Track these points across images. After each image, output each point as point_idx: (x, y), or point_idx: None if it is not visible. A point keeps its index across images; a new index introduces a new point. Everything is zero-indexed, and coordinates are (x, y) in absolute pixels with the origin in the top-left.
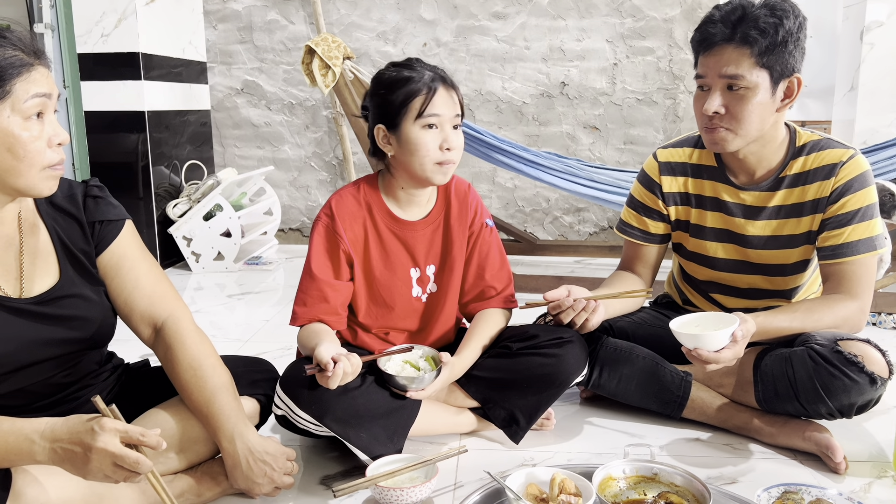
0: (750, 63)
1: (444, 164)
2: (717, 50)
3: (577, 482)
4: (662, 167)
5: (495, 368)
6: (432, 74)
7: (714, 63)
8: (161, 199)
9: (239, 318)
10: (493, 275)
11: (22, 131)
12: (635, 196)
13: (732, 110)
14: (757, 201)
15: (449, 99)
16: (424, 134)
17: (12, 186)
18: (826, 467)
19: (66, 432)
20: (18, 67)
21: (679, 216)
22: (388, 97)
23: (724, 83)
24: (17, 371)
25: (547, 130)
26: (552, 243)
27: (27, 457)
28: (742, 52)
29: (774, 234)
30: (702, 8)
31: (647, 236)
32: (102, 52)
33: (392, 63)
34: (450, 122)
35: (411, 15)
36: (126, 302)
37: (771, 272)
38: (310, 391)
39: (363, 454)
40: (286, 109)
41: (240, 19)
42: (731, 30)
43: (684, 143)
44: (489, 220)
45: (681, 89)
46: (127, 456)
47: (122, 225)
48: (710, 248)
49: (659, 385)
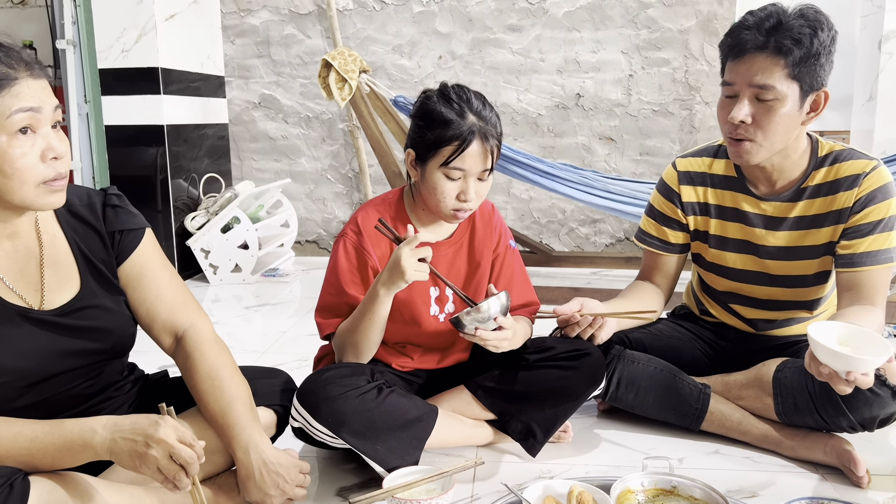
0: (782, 74)
1: (459, 211)
2: (749, 57)
3: (594, 495)
4: (682, 177)
5: (512, 381)
6: (473, 124)
7: (744, 70)
8: (179, 211)
9: (256, 329)
10: (518, 294)
11: (8, 148)
12: (654, 205)
13: (759, 121)
14: (778, 212)
15: (481, 154)
16: (445, 182)
17: (9, 202)
18: (848, 481)
19: (129, 424)
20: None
21: (698, 226)
22: (424, 130)
23: (753, 92)
24: (41, 382)
25: (562, 142)
26: (568, 255)
27: (86, 448)
28: (775, 61)
29: (795, 244)
30: (717, 19)
31: (667, 246)
32: (123, 67)
33: (444, 91)
34: (474, 176)
35: (427, 28)
36: (148, 311)
37: (790, 283)
38: (327, 404)
39: (379, 467)
40: (303, 123)
41: (257, 34)
42: (765, 37)
43: (703, 152)
44: (512, 241)
45: (697, 100)
46: (182, 449)
47: (142, 234)
48: (730, 259)
49: (677, 397)
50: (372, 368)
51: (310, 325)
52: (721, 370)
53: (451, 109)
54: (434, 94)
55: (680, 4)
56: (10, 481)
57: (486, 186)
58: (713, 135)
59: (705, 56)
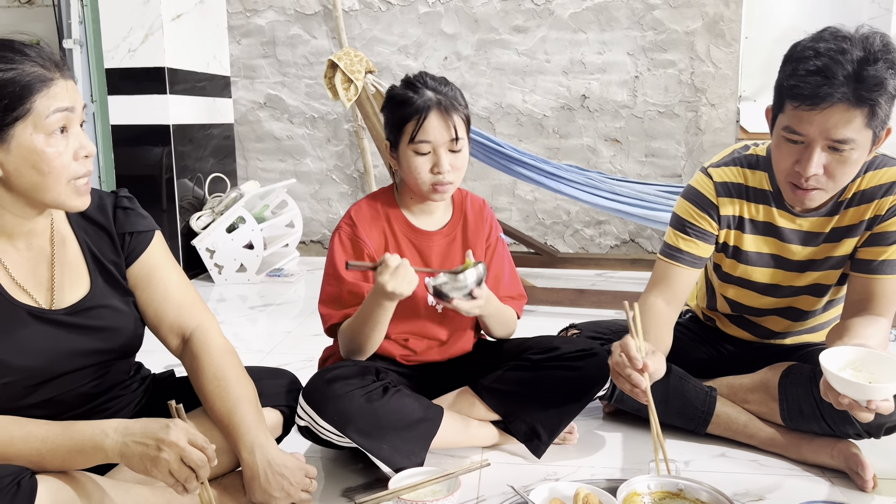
0: (861, 123)
1: (438, 185)
2: (827, 110)
3: (600, 497)
4: (720, 188)
5: (516, 381)
6: (429, 98)
7: (820, 122)
8: (185, 211)
9: (261, 329)
10: (507, 285)
11: (46, 147)
12: (685, 218)
13: (832, 171)
14: (815, 227)
15: (442, 124)
16: (416, 158)
17: (40, 201)
18: (855, 485)
19: (140, 428)
20: (38, 83)
21: (727, 239)
22: (391, 116)
23: (827, 143)
24: (49, 381)
25: (567, 143)
26: (573, 256)
27: (97, 451)
28: (854, 113)
29: (827, 255)
30: (724, 21)
31: (697, 261)
32: (129, 66)
33: (405, 78)
34: (444, 146)
35: (432, 29)
36: (156, 313)
37: (814, 292)
38: (333, 402)
39: (385, 466)
40: (308, 123)
41: (263, 34)
42: (846, 87)
43: (734, 163)
44: (501, 233)
45: (703, 102)
46: (193, 453)
47: (151, 236)
48: (758, 274)
49: (683, 401)
50: (377, 367)
51: (315, 325)
52: (727, 373)
53: (408, 90)
54: (396, 84)
55: (686, 6)
56: (18, 480)
57: (461, 159)
58: (718, 137)
59: (711, 58)
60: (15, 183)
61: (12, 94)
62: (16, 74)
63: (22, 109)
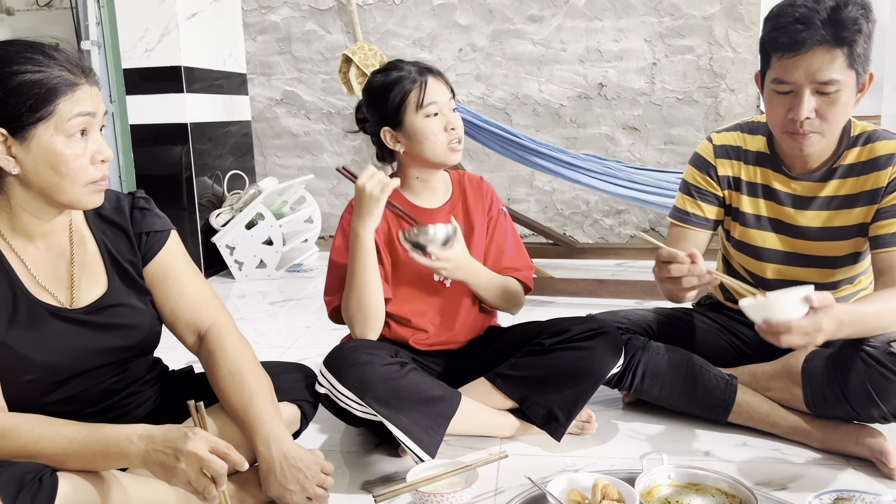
0: (842, 65)
1: (453, 142)
2: (808, 54)
3: (620, 488)
4: (718, 150)
5: (530, 366)
6: (419, 68)
7: (804, 67)
8: (204, 209)
9: (281, 324)
10: (511, 257)
11: (65, 149)
12: (689, 181)
13: (823, 114)
14: (807, 191)
15: (441, 85)
16: (428, 122)
17: (57, 201)
18: (880, 473)
19: (161, 436)
20: (64, 87)
21: (730, 201)
22: (385, 101)
23: (814, 87)
24: (71, 378)
25: (585, 132)
26: (592, 246)
27: (121, 457)
28: (834, 54)
29: (825, 225)
30: (742, 5)
31: (704, 222)
32: (146, 66)
33: (376, 71)
34: (447, 106)
35: (447, 21)
36: (172, 311)
37: (821, 264)
38: (354, 369)
39: (403, 435)
40: (325, 118)
41: (278, 31)
42: (823, 30)
43: (738, 127)
44: (504, 207)
45: (722, 87)
46: (213, 461)
47: (167, 235)
48: (759, 238)
49: (704, 389)
50: (396, 349)
51: None
52: (748, 361)
53: (393, 71)
54: (369, 80)
55: None
56: (40, 476)
57: (459, 117)
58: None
59: (730, 42)
60: (32, 181)
61: (38, 95)
62: (43, 77)
63: (45, 111)
